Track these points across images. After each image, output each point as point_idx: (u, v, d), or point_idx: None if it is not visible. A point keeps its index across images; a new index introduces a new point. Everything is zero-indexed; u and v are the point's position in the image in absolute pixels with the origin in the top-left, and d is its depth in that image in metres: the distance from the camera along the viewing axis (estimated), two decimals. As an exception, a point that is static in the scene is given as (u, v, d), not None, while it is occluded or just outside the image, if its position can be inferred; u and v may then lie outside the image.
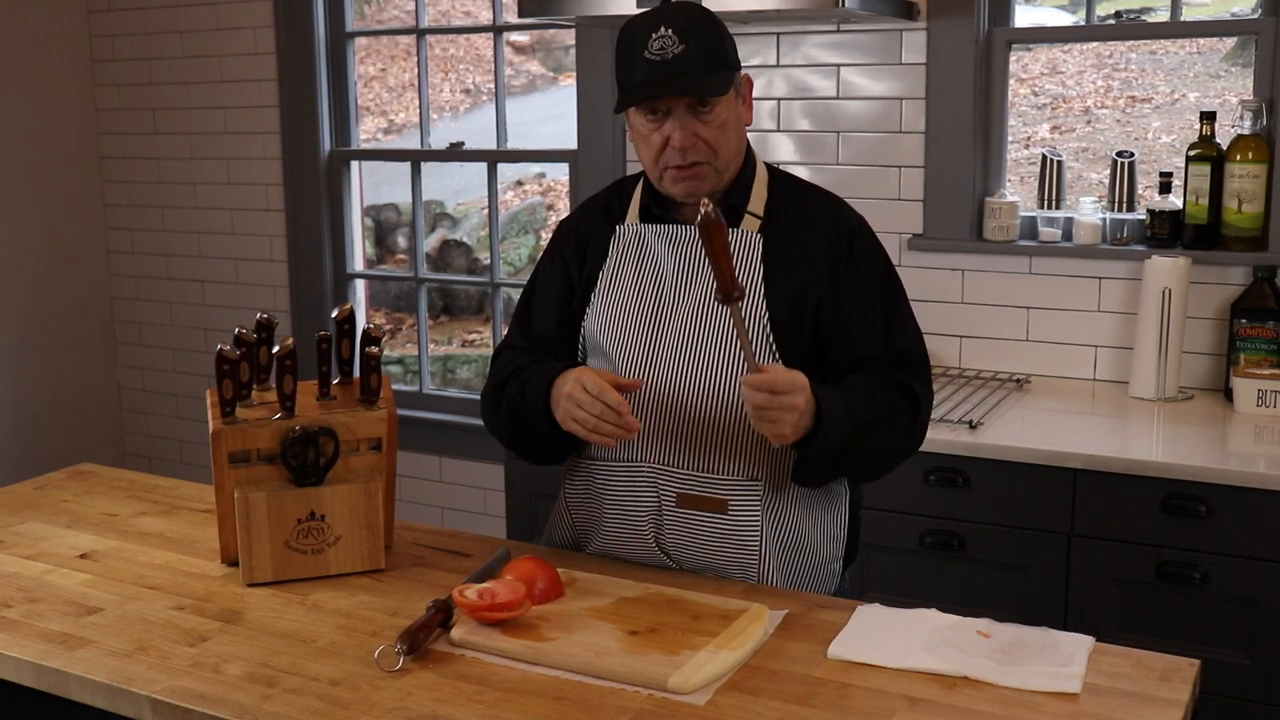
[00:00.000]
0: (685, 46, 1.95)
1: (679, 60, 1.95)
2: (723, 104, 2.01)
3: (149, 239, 4.91)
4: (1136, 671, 1.72)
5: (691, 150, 1.99)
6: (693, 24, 1.97)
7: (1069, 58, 4.38)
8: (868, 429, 1.98)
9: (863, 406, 1.99)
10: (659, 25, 1.96)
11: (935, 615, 1.88)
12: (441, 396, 4.48)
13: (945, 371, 3.46)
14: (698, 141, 1.99)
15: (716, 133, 2.01)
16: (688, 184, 2.03)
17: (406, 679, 1.71)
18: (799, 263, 2.06)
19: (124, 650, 1.82)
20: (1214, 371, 3.23)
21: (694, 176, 2.02)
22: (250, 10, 4.48)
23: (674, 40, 1.95)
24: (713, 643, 1.77)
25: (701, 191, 2.04)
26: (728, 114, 2.02)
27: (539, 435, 2.10)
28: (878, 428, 2.00)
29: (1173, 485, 2.65)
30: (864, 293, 2.07)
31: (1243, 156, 3.10)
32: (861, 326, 2.06)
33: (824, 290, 2.05)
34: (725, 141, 2.02)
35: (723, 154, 2.03)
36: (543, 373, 2.06)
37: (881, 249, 2.14)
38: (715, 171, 2.04)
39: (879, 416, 2.00)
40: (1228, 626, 2.65)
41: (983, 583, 2.85)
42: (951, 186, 3.46)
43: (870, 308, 2.07)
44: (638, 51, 1.97)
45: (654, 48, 1.95)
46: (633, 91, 1.99)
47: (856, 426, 1.96)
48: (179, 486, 2.59)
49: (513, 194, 7.14)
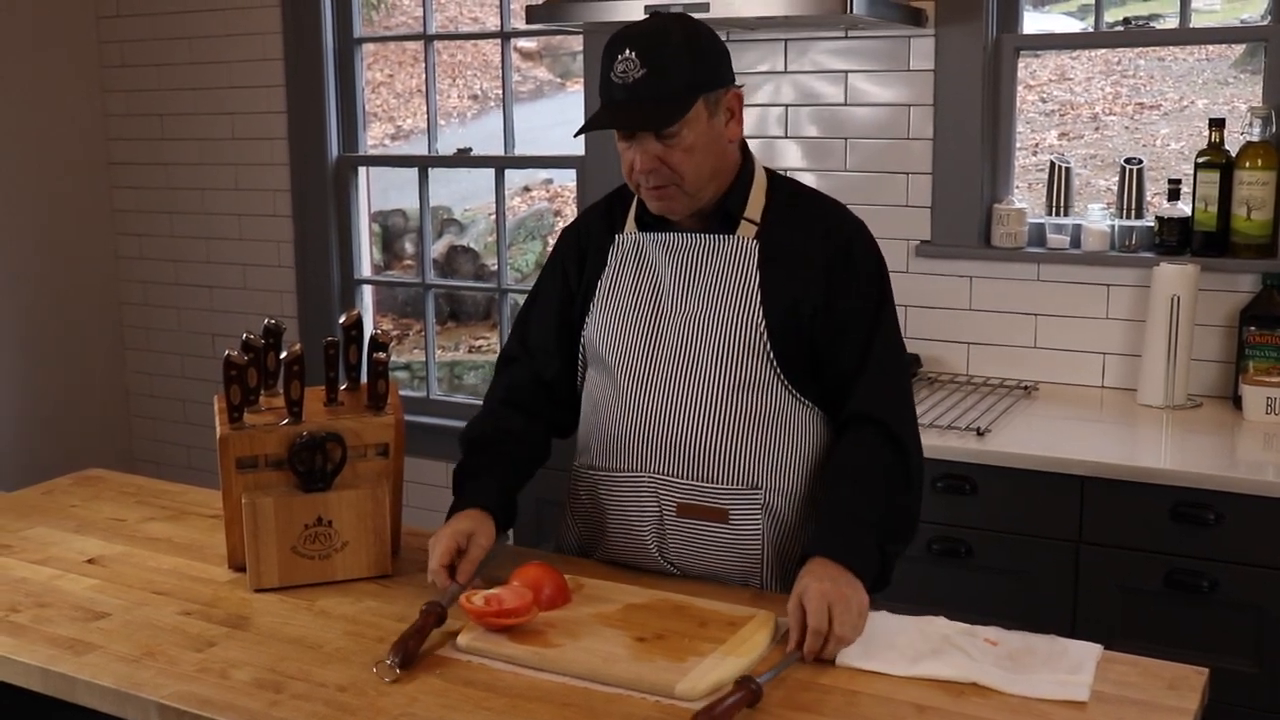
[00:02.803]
0: (646, 71, 1.91)
1: (636, 86, 1.91)
2: (689, 127, 1.95)
3: (157, 244, 4.92)
4: (1145, 680, 1.71)
5: (654, 174, 1.97)
6: (656, 47, 1.93)
7: (1077, 64, 4.38)
8: (883, 518, 1.97)
9: (865, 506, 1.96)
10: (625, 47, 1.93)
11: (943, 622, 1.88)
12: (448, 402, 4.48)
13: (953, 378, 3.45)
14: (660, 166, 1.96)
15: (683, 157, 1.96)
16: (660, 203, 2.03)
17: (413, 685, 1.71)
18: (795, 270, 2.05)
19: (131, 655, 1.82)
20: (1223, 379, 3.23)
21: (664, 197, 2.01)
22: (258, 16, 4.48)
23: (635, 64, 1.91)
24: (719, 649, 1.76)
25: (675, 210, 2.04)
26: (696, 137, 1.96)
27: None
28: (888, 507, 1.98)
29: (1181, 493, 2.64)
30: (855, 306, 2.05)
31: (1252, 164, 3.10)
32: (846, 342, 2.04)
33: (818, 298, 2.04)
34: (693, 165, 1.97)
35: (690, 178, 1.98)
36: (461, 498, 2.14)
37: (878, 256, 2.12)
38: (684, 193, 2.01)
39: (881, 497, 1.98)
40: (1236, 635, 2.64)
41: (990, 590, 2.84)
42: (959, 193, 3.46)
43: (858, 322, 2.05)
44: (605, 71, 1.95)
45: (618, 70, 1.93)
46: (594, 118, 1.98)
47: (876, 528, 1.95)
48: (186, 492, 2.60)
49: (520, 200, 7.15)
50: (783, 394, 2.04)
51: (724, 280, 2.05)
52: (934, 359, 3.52)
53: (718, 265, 2.06)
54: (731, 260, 2.05)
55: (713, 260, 2.07)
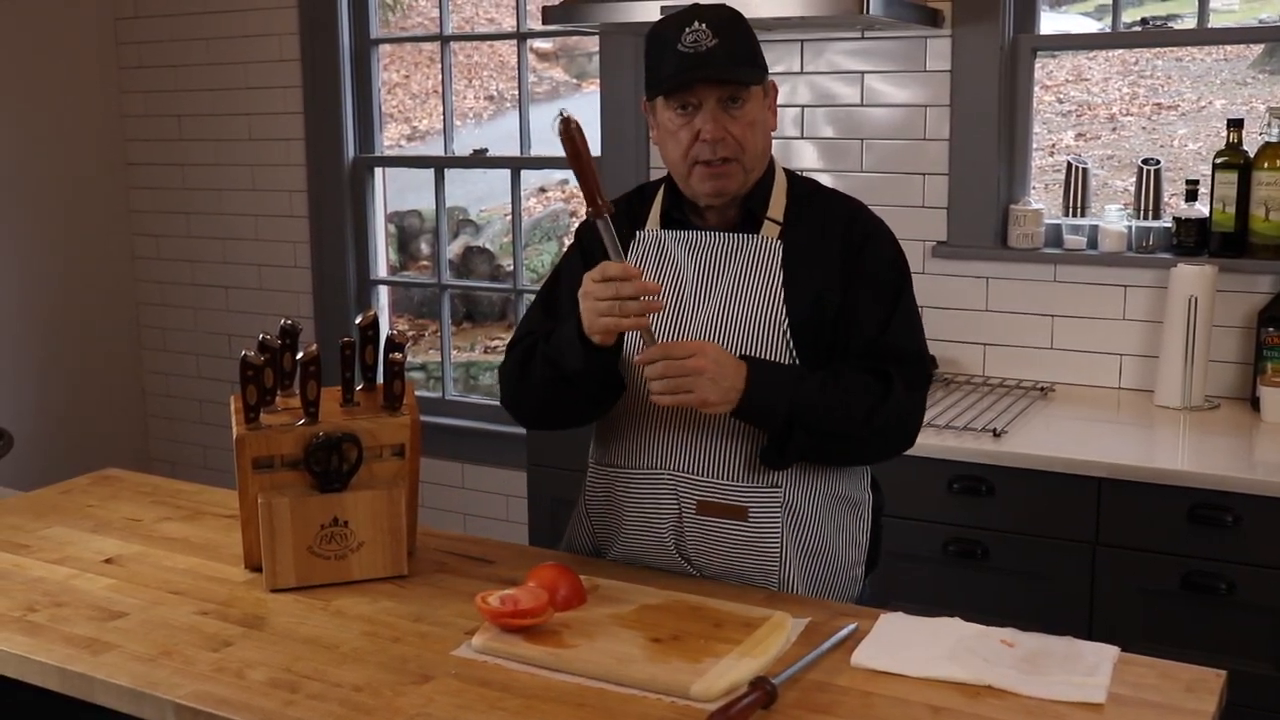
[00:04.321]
0: (719, 41, 1.96)
1: (712, 53, 1.96)
2: (753, 101, 2.02)
3: (174, 245, 4.93)
4: (1162, 682, 1.71)
5: (721, 144, 1.99)
6: (725, 21, 1.99)
7: (1094, 64, 4.36)
8: (817, 401, 1.96)
9: (813, 380, 1.97)
10: (693, 20, 1.97)
11: (959, 624, 1.87)
12: (464, 403, 4.49)
13: (969, 379, 3.45)
14: (727, 136, 1.99)
15: (746, 129, 2.01)
16: (715, 182, 2.03)
17: (429, 685, 1.71)
18: (816, 267, 2.06)
19: (148, 655, 1.82)
20: (1241, 380, 3.21)
21: (722, 175, 2.02)
22: (275, 18, 4.50)
23: (708, 34, 1.96)
24: (735, 651, 1.76)
25: (729, 191, 2.04)
26: (757, 113, 2.03)
27: (577, 382, 2.02)
28: (832, 401, 1.97)
29: (1199, 495, 2.63)
30: (869, 291, 2.06)
31: (1270, 164, 3.08)
32: (859, 322, 2.05)
33: (839, 293, 2.05)
34: (754, 139, 2.02)
35: (750, 151, 2.02)
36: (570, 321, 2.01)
37: (897, 253, 2.12)
38: (743, 170, 2.03)
39: (835, 390, 1.98)
40: (1254, 637, 2.63)
41: (1006, 592, 2.83)
42: (976, 194, 3.45)
43: (872, 305, 2.05)
44: (669, 45, 1.98)
45: (687, 40, 1.96)
46: (666, 81, 1.99)
47: (802, 395, 1.95)
48: (203, 492, 2.60)
49: (536, 200, 7.16)
50: (804, 390, 2.03)
51: (747, 277, 2.06)
52: (950, 360, 3.51)
53: (741, 263, 2.07)
54: (755, 258, 2.06)
55: (736, 258, 2.07)
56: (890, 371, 2.02)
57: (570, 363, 1.99)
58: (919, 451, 2.77)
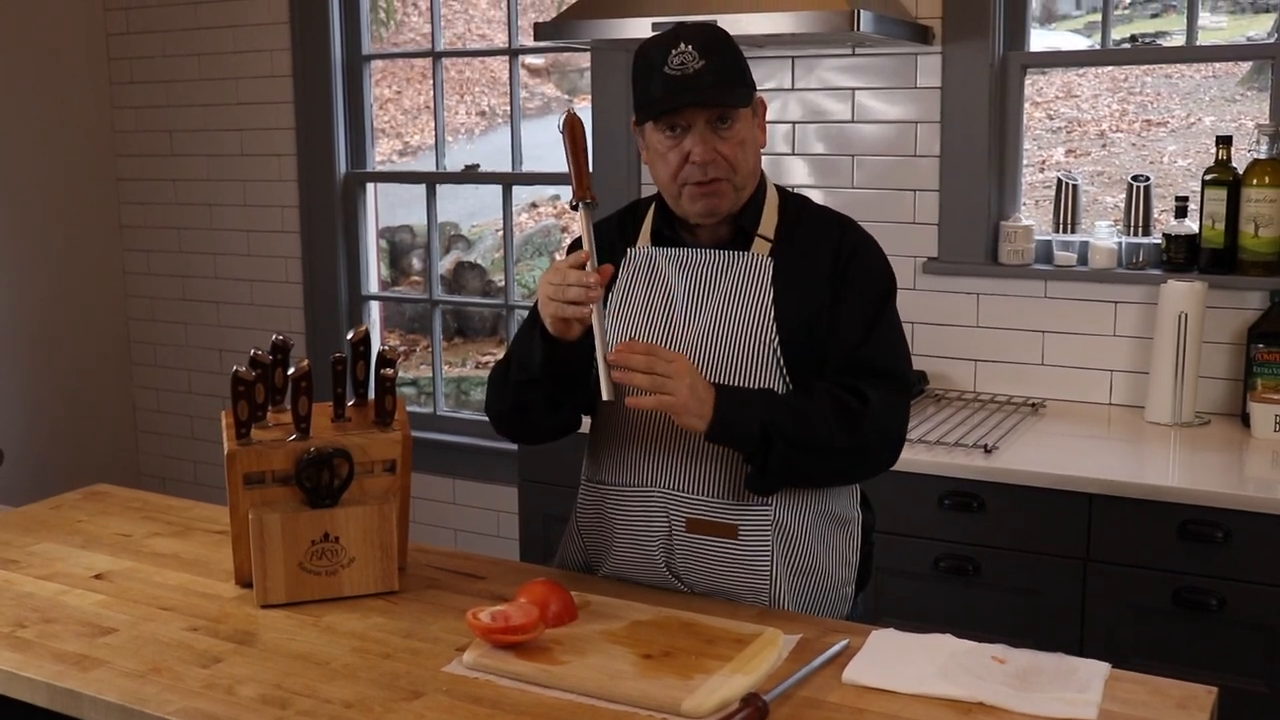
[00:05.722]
0: (705, 62, 1.96)
1: (699, 75, 1.96)
2: (742, 120, 2.01)
3: (165, 260, 4.93)
4: (1153, 699, 1.71)
5: (711, 166, 1.99)
6: (711, 42, 1.99)
7: (1084, 81, 4.38)
8: (790, 414, 1.95)
9: (784, 396, 1.99)
10: (679, 42, 1.97)
11: (950, 640, 1.87)
12: (455, 418, 4.48)
13: (960, 395, 3.45)
14: (717, 157, 1.99)
15: (735, 149, 2.01)
16: (706, 201, 2.03)
17: (419, 702, 1.71)
18: (807, 283, 2.06)
19: (138, 671, 1.82)
20: (1231, 396, 3.22)
21: (713, 193, 2.02)
22: (267, 33, 4.50)
23: (694, 56, 1.96)
24: (726, 667, 1.76)
25: (720, 210, 2.04)
26: (746, 132, 2.03)
27: (540, 379, 2.04)
28: (806, 411, 1.97)
29: (1189, 511, 2.64)
30: (851, 301, 2.06)
31: (1259, 181, 3.10)
32: (840, 331, 2.05)
33: (827, 308, 2.05)
34: (744, 158, 2.03)
35: (741, 170, 2.03)
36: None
37: (884, 269, 2.12)
38: (734, 189, 2.03)
39: (808, 402, 1.98)
40: (1246, 653, 2.63)
41: (997, 608, 2.83)
42: (966, 210, 3.46)
43: (853, 315, 2.05)
44: (656, 68, 1.98)
45: (674, 63, 1.96)
46: (654, 105, 1.99)
47: (774, 409, 1.95)
48: (193, 507, 2.60)
49: (527, 216, 7.16)
50: (793, 409, 2.04)
51: (737, 294, 2.06)
52: (941, 376, 3.52)
53: (731, 280, 2.07)
54: (745, 276, 2.06)
55: (726, 275, 2.08)
56: (864, 387, 2.01)
57: (531, 356, 2.03)
58: (910, 467, 2.79)
